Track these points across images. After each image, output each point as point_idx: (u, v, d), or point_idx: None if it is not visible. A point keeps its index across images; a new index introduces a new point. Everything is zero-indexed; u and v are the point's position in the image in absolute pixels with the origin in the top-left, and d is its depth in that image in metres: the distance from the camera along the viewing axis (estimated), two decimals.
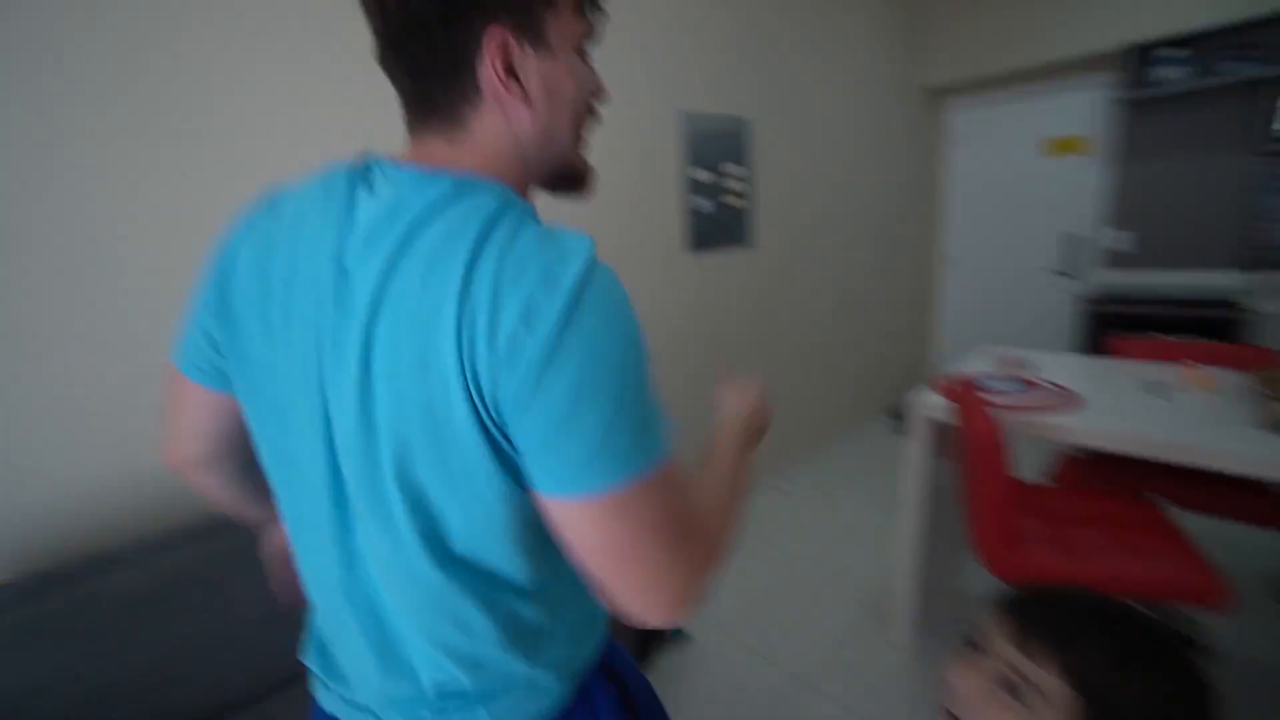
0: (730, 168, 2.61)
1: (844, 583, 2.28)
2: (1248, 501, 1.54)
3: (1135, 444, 1.35)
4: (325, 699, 0.65)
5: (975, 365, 1.93)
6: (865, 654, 1.93)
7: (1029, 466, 1.69)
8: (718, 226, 2.59)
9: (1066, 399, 1.58)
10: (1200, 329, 2.83)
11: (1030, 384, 1.71)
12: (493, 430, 0.46)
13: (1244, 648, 1.83)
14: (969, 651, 0.56)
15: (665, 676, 1.85)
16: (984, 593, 2.20)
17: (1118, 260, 3.53)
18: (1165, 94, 3.08)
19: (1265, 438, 1.30)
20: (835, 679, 1.82)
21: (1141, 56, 3.12)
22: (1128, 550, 1.26)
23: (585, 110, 0.56)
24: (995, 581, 2.22)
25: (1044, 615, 0.52)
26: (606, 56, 2.15)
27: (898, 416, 3.71)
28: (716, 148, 2.54)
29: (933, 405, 1.64)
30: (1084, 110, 3.47)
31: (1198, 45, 2.98)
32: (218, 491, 0.71)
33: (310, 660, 0.65)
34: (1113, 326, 3.09)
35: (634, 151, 2.29)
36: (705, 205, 2.52)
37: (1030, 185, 3.72)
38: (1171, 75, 3.05)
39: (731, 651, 1.93)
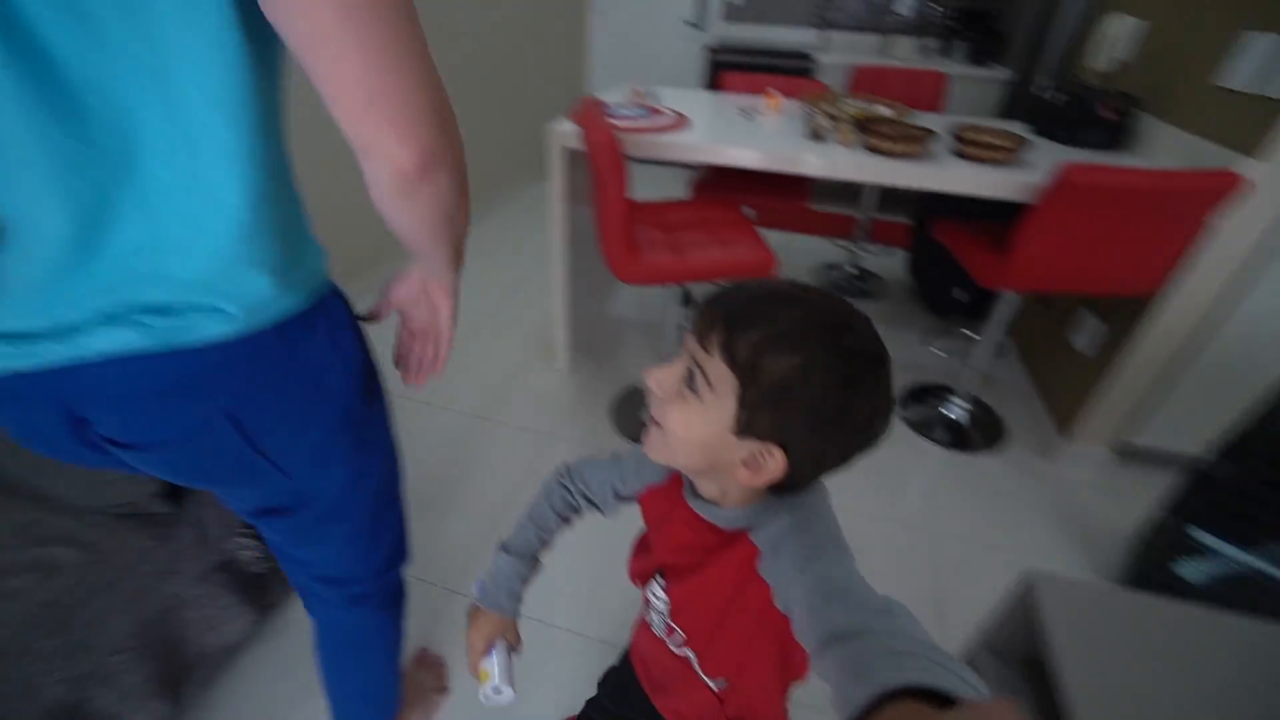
0: None
1: (513, 329, 2.41)
2: (802, 214, 2.00)
3: (714, 152, 1.61)
4: None
5: (609, 96, 1.97)
6: (534, 383, 2.14)
7: (668, 190, 1.94)
8: None
9: (679, 122, 1.74)
10: (785, 71, 3.37)
11: (653, 110, 1.83)
12: None
13: None
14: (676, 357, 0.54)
15: None
16: (632, 314, 2.58)
17: (735, 13, 3.87)
18: None
19: (804, 142, 1.66)
20: (509, 408, 2.00)
21: None
22: (719, 243, 1.54)
23: None
24: (639, 302, 2.59)
25: (720, 306, 0.48)
26: None
27: None
28: None
29: (567, 134, 1.65)
30: None
31: None
32: None
33: None
34: (727, 69, 3.47)
35: None
36: None
37: None
38: None
39: (406, 406, 1.94)
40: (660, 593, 0.64)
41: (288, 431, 0.62)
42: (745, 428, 0.47)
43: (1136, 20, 1.92)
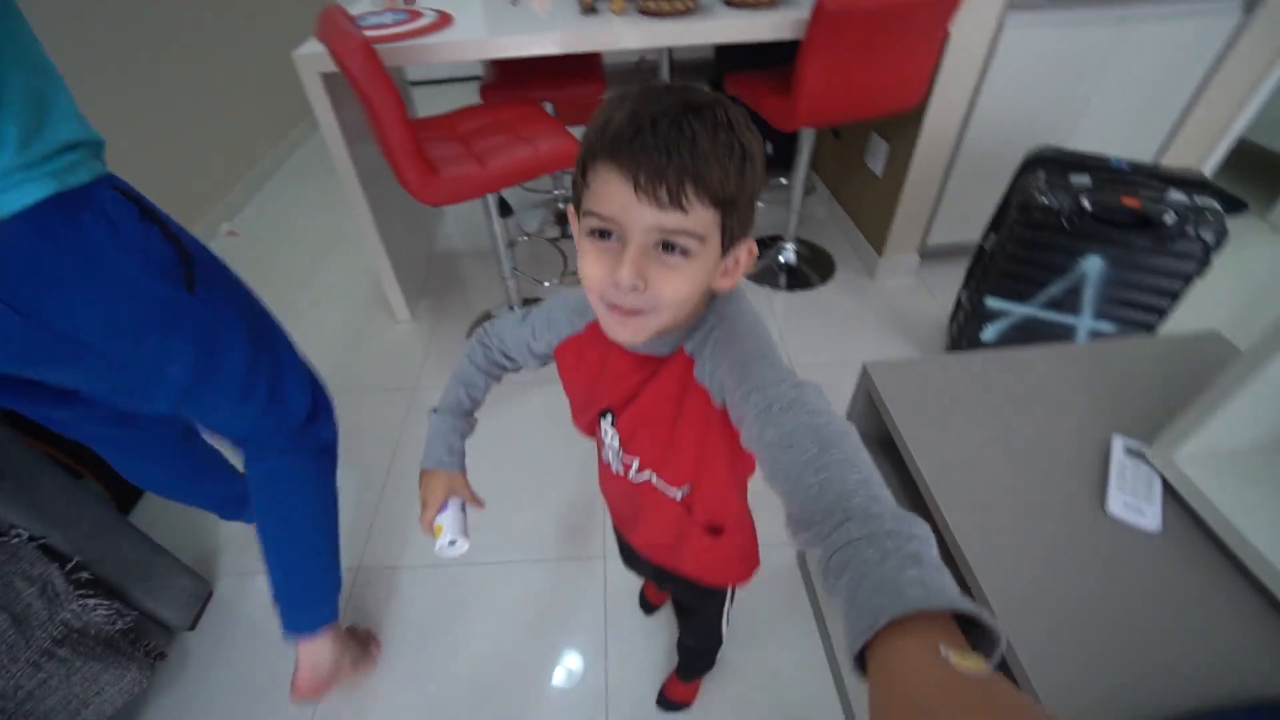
0: None
1: (338, 292, 2.19)
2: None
3: (486, 47, 1.50)
4: None
5: (355, 6, 1.73)
6: (380, 340, 1.98)
7: (455, 103, 1.78)
8: None
9: (442, 20, 1.57)
10: None
11: (411, 14, 1.64)
12: None
13: None
14: (598, 242, 0.46)
15: None
16: (461, 245, 2.44)
17: None
18: None
19: (579, 18, 1.58)
20: (363, 373, 1.86)
21: None
22: (522, 141, 1.46)
23: None
24: (464, 230, 2.44)
25: (665, 162, 0.42)
26: None
27: None
28: None
29: (320, 56, 1.44)
30: None
31: None
32: None
33: None
34: None
35: None
36: None
37: None
38: None
39: None
40: (610, 428, 0.65)
41: (83, 314, 0.68)
42: (729, 245, 0.48)
43: None
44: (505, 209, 2.54)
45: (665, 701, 1.13)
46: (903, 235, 2.05)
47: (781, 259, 2.21)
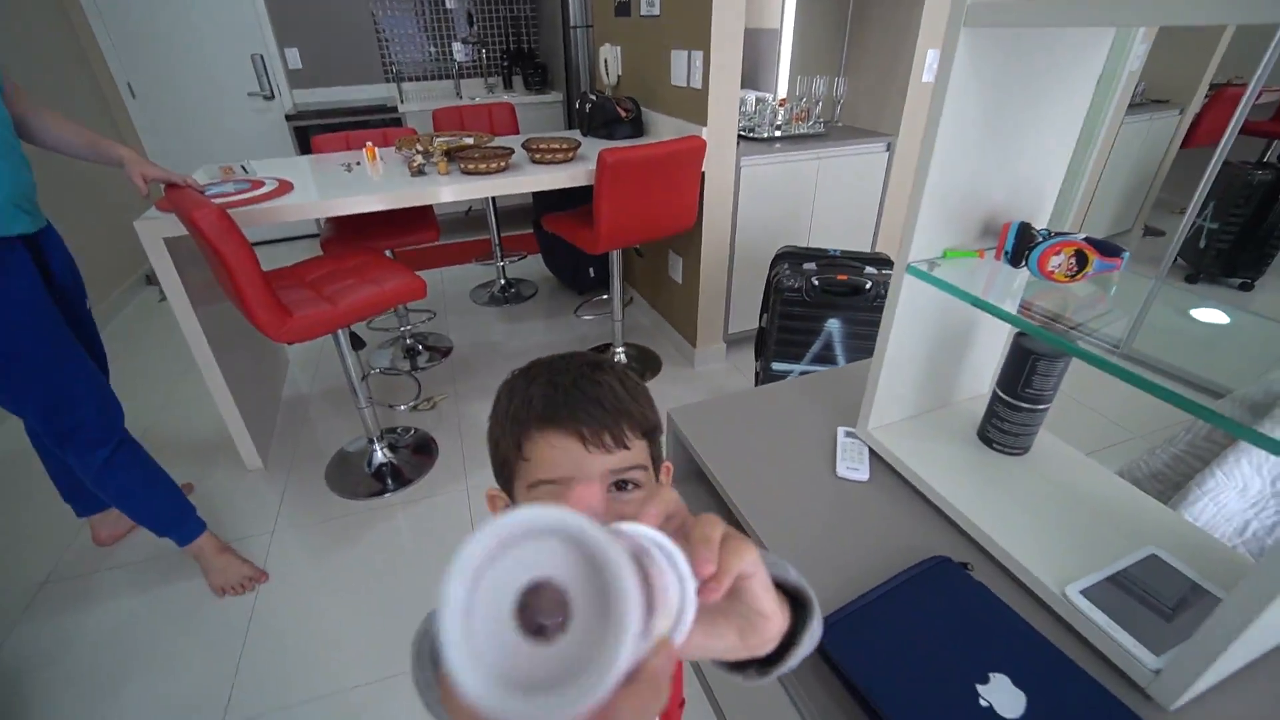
0: None
1: (178, 450, 2.11)
2: (442, 251, 2.24)
3: (327, 206, 1.74)
4: None
5: (201, 179, 1.89)
6: (232, 492, 1.93)
7: (291, 259, 1.92)
8: None
9: (283, 188, 1.79)
10: (373, 126, 3.53)
11: (253, 183, 1.84)
12: None
13: (456, 333, 2.80)
14: (540, 492, 0.48)
15: None
16: (308, 388, 2.47)
17: (298, 79, 3.85)
18: None
19: (410, 179, 1.88)
20: (221, 528, 1.79)
21: None
22: (371, 282, 1.66)
23: None
24: (311, 374, 2.50)
25: (597, 413, 0.48)
26: None
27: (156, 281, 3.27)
28: None
29: (161, 224, 1.57)
30: None
31: None
32: None
33: None
34: (316, 134, 3.48)
35: None
36: None
37: (193, 6, 3.43)
38: None
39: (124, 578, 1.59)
40: None
41: None
42: (656, 469, 0.54)
43: (618, 47, 2.64)
44: (357, 343, 2.65)
45: None
46: (708, 328, 2.50)
47: (615, 360, 2.54)
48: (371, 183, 1.88)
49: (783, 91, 2.97)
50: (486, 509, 0.56)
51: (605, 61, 2.70)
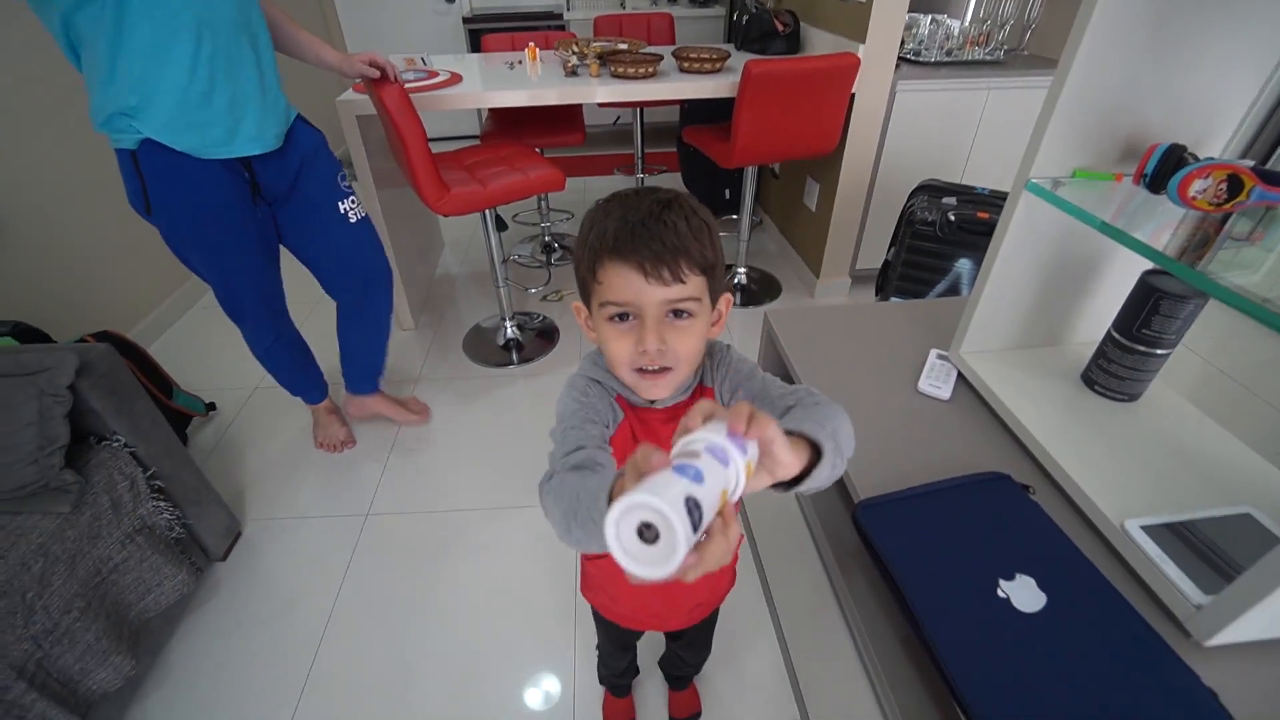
0: None
1: None
2: (589, 161, 2.37)
3: (489, 97, 1.91)
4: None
5: None
6: (392, 345, 2.28)
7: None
8: None
9: (454, 79, 1.98)
10: (540, 29, 3.67)
11: (430, 73, 2.05)
12: None
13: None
14: (618, 325, 0.57)
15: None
16: (457, 270, 2.79)
17: None
18: None
19: (562, 79, 1.99)
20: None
21: None
22: (516, 170, 1.83)
23: None
24: (461, 259, 2.78)
25: (650, 247, 0.53)
26: None
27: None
28: None
29: (356, 102, 1.83)
30: None
31: None
32: None
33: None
34: (489, 34, 3.70)
35: None
36: None
37: None
38: None
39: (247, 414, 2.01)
40: None
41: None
42: (714, 299, 0.60)
43: None
44: (501, 225, 2.92)
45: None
46: (835, 261, 2.44)
47: (735, 281, 2.58)
48: (529, 80, 2.02)
49: (969, 14, 2.67)
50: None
51: None
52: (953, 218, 1.71)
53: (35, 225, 1.87)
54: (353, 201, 1.51)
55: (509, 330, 2.23)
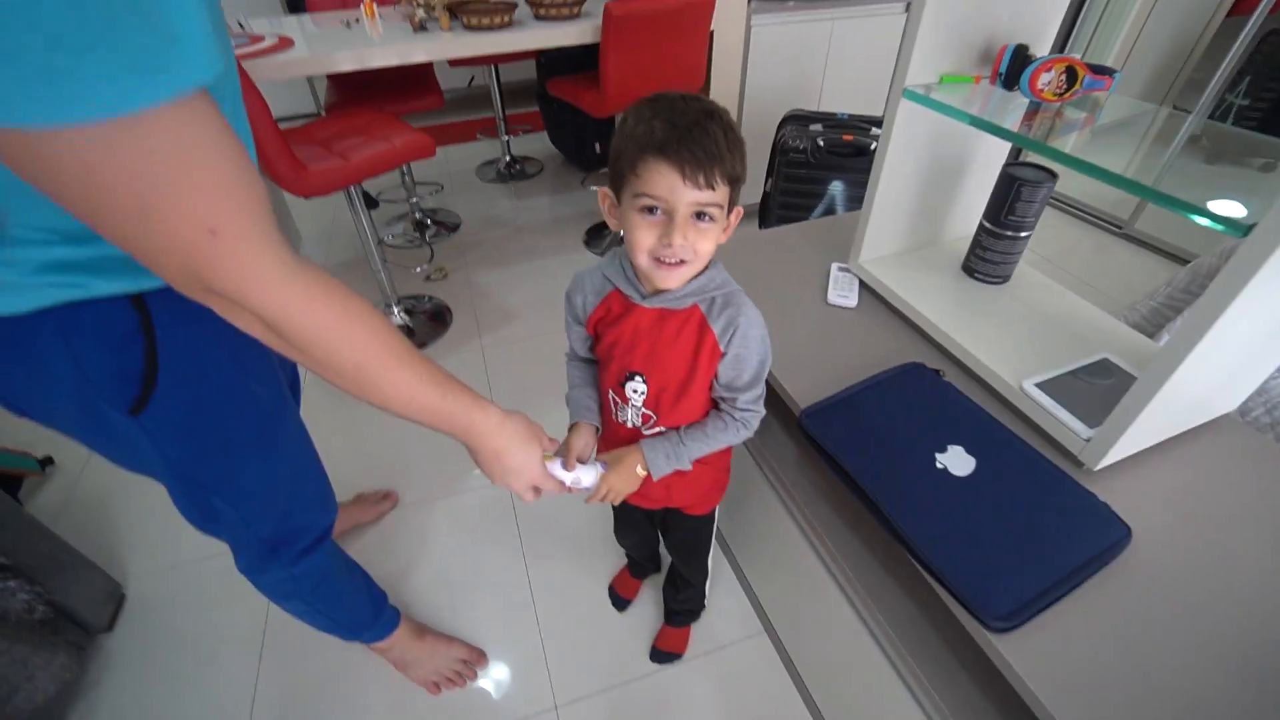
0: None
1: None
2: (450, 128, 2.21)
3: (334, 61, 1.71)
4: None
5: None
6: None
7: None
8: None
9: (283, 43, 1.76)
10: None
11: (252, 38, 1.80)
12: None
13: (464, 210, 2.83)
14: (647, 217, 0.62)
15: None
16: (322, 258, 2.54)
17: None
18: None
19: (412, 35, 1.84)
20: None
21: None
22: (379, 140, 1.68)
23: None
24: (325, 244, 2.53)
25: (696, 154, 0.58)
26: None
27: None
28: None
29: None
30: None
31: None
32: None
33: None
34: None
35: None
36: None
37: None
38: None
39: None
40: (641, 385, 0.77)
41: (38, 408, 0.65)
42: (730, 208, 0.65)
43: None
44: (371, 202, 2.69)
45: (660, 655, 1.22)
46: None
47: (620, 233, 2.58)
48: (372, 40, 1.84)
49: None
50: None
51: None
52: (821, 143, 1.81)
53: None
54: None
55: (397, 317, 2.08)
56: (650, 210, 0.62)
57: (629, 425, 0.81)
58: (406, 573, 1.40)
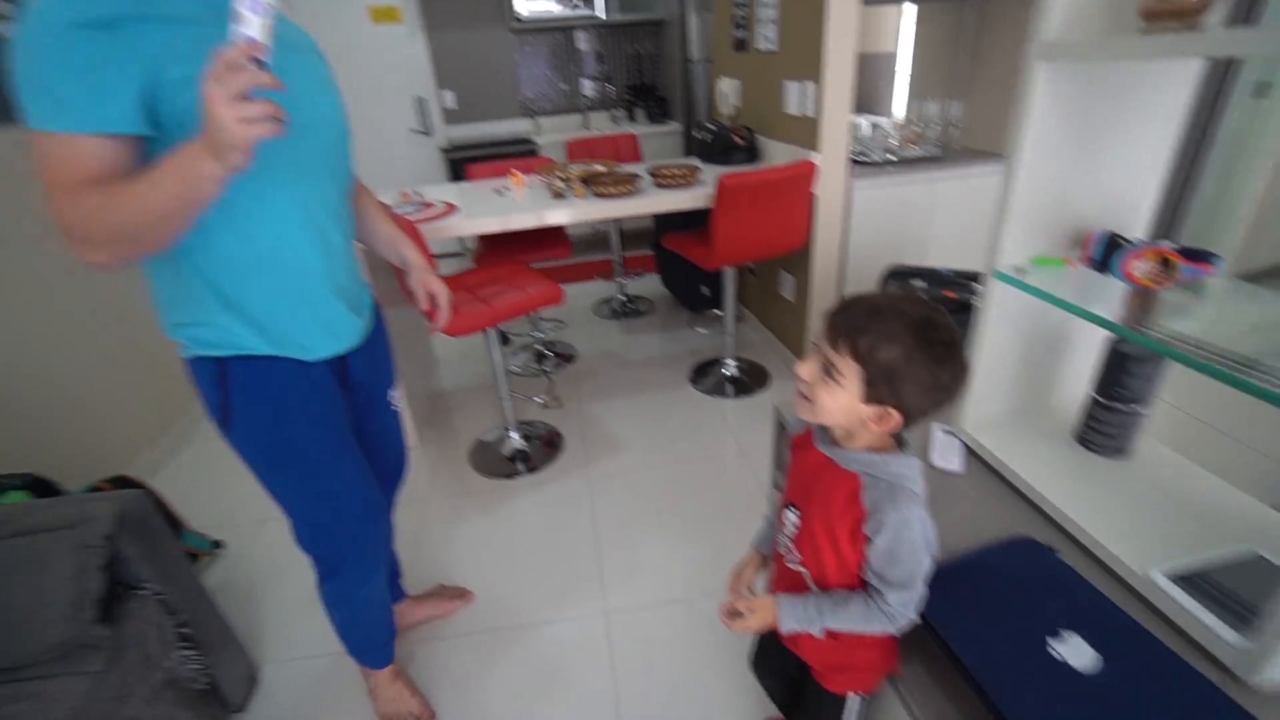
0: None
1: None
2: (571, 269, 2.52)
3: (489, 224, 2.06)
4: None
5: (383, 200, 2.29)
6: None
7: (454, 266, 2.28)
8: None
9: (450, 209, 2.14)
10: (516, 157, 3.96)
11: (426, 204, 2.21)
12: None
13: (580, 343, 3.08)
14: (814, 352, 0.74)
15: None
16: (456, 384, 2.84)
17: (453, 116, 4.41)
18: None
19: (552, 201, 2.17)
20: None
21: None
22: (515, 289, 1.95)
23: None
24: (459, 371, 2.85)
25: (841, 320, 0.69)
26: None
27: None
28: None
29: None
30: None
31: None
32: None
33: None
34: (466, 165, 3.95)
35: None
36: None
37: (370, 54, 4.08)
38: None
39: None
40: (794, 517, 0.83)
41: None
42: (870, 398, 0.70)
43: (736, 80, 2.84)
44: (504, 339, 3.01)
45: None
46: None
47: (725, 373, 2.68)
48: (519, 205, 2.19)
49: (900, 114, 3.02)
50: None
51: (723, 94, 2.91)
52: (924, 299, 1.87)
53: (19, 371, 1.88)
54: (395, 391, 1.34)
55: (515, 441, 2.26)
56: (816, 347, 0.74)
57: (780, 549, 0.87)
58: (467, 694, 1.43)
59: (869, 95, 3.27)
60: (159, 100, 0.75)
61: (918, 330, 0.66)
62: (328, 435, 1.07)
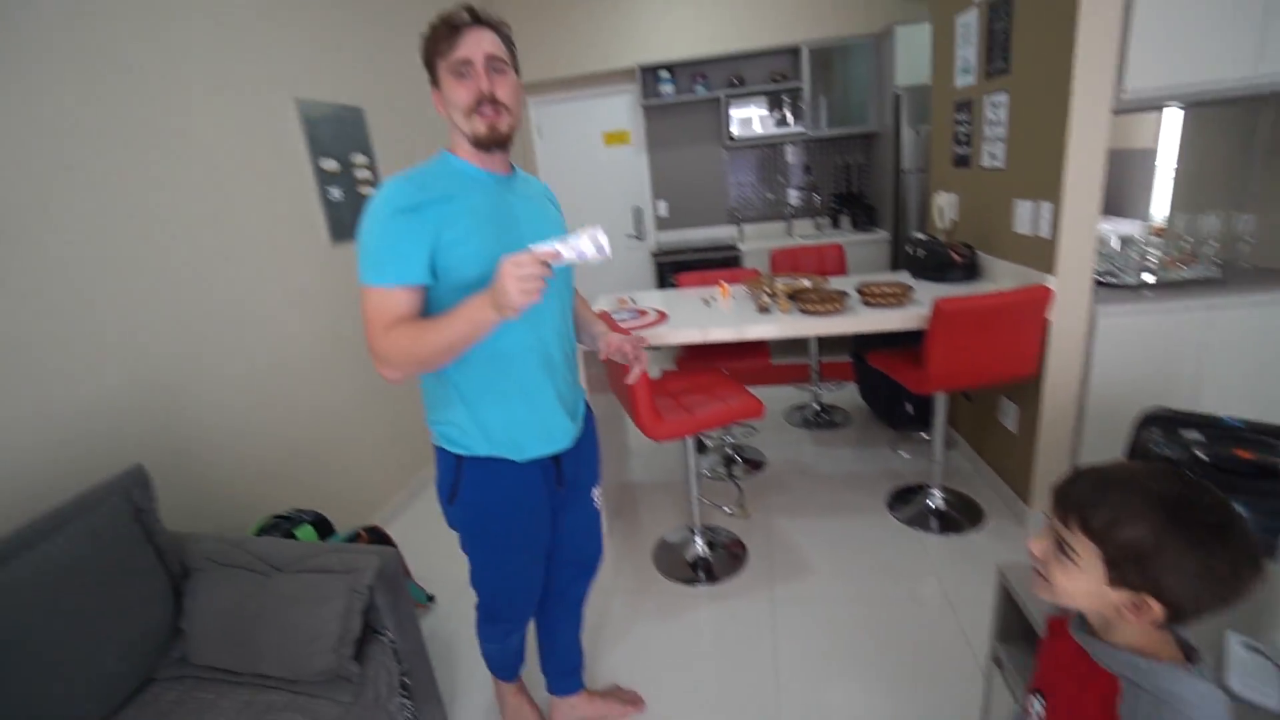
0: (357, 156, 2.67)
1: None
2: (766, 370, 2.56)
3: (699, 334, 2.17)
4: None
5: (602, 306, 2.58)
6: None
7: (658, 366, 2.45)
8: (354, 215, 2.64)
9: (661, 317, 2.32)
10: (720, 263, 4.20)
11: (640, 312, 2.42)
12: None
13: (770, 450, 3.02)
14: (1044, 526, 0.70)
15: None
16: (646, 478, 2.96)
17: (664, 223, 4.85)
18: (665, 103, 4.37)
19: (757, 315, 2.24)
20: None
21: (647, 75, 4.31)
22: (716, 399, 2.02)
23: (461, 107, 1.07)
24: (650, 466, 2.97)
25: (1071, 493, 0.64)
26: (215, 44, 2.00)
27: None
28: (338, 136, 2.57)
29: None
30: (623, 110, 4.58)
31: (676, 71, 4.32)
32: None
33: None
34: (673, 269, 4.27)
35: (260, 144, 2.18)
36: (337, 194, 2.55)
37: (601, 171, 4.72)
38: (666, 90, 4.33)
39: None
40: (1039, 707, 0.77)
41: None
42: (1116, 581, 0.62)
43: (953, 194, 2.75)
44: (701, 447, 3.10)
45: None
46: (1047, 488, 2.25)
47: (930, 504, 2.43)
48: (725, 316, 2.30)
49: (1157, 219, 2.64)
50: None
51: (939, 208, 2.82)
52: (1204, 456, 1.55)
53: (318, 430, 2.37)
54: (598, 489, 1.48)
55: (699, 547, 2.27)
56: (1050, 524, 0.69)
57: None
58: None
59: (1116, 197, 2.93)
60: (437, 257, 1.04)
61: (1167, 507, 0.59)
62: (522, 529, 1.30)
